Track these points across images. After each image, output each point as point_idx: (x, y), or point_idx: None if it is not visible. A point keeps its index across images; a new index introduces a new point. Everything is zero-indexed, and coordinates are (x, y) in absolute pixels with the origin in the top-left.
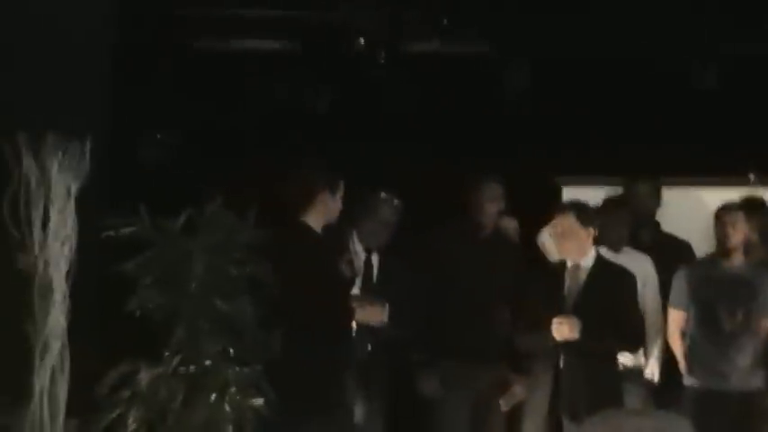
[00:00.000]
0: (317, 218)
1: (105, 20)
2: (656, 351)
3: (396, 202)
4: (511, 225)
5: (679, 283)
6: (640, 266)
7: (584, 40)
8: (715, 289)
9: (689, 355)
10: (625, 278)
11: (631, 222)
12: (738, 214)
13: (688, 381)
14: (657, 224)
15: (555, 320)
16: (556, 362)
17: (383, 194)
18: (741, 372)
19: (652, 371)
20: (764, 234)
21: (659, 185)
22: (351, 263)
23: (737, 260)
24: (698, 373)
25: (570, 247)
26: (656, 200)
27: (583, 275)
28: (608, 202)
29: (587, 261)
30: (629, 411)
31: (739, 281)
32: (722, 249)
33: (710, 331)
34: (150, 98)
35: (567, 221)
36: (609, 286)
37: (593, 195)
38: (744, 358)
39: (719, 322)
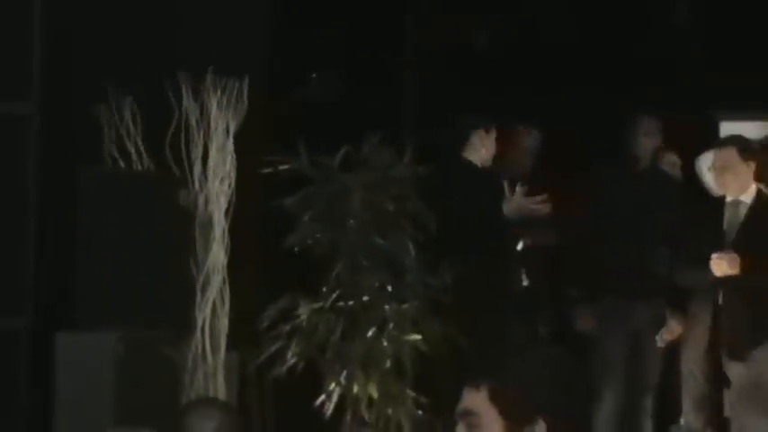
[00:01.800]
0: (477, 155)
1: None
2: None
3: (534, 132)
4: (672, 161)
5: None
6: None
7: None
8: None
9: None
10: None
11: None
12: None
13: None
14: None
15: (714, 256)
16: (715, 298)
17: (521, 127)
18: None
19: None
20: None
21: None
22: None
23: None
24: None
25: (730, 182)
26: None
27: (743, 211)
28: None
29: (747, 196)
30: None
31: None
32: None
33: None
34: (309, 36)
35: (728, 155)
36: None
37: (752, 130)
38: None
39: None
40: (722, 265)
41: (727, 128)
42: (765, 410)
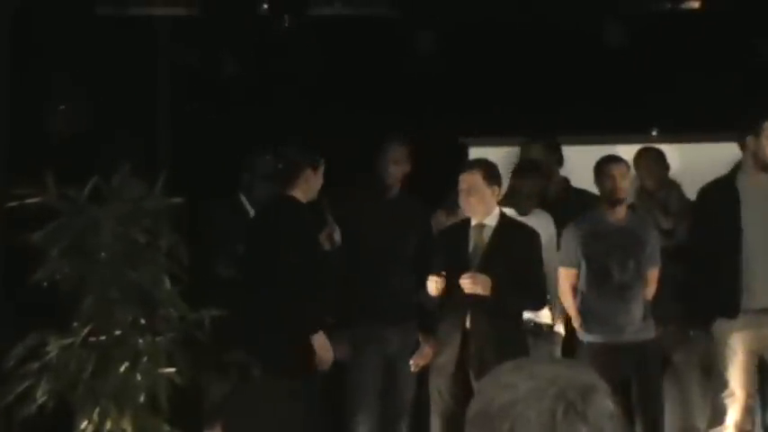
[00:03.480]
0: (303, 194)
1: None
2: (560, 307)
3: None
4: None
5: (567, 240)
6: (542, 225)
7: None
8: (604, 243)
9: (583, 311)
10: (530, 236)
11: (542, 187)
12: (624, 166)
13: (584, 337)
14: (566, 180)
15: (464, 276)
16: (463, 321)
17: (268, 157)
18: (634, 324)
19: (558, 327)
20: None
21: (559, 143)
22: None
23: (622, 212)
24: (593, 328)
25: (475, 205)
26: (559, 157)
27: (488, 233)
28: (518, 169)
29: (492, 219)
30: (541, 358)
31: (627, 233)
32: (609, 202)
33: (603, 286)
34: (57, 65)
35: (473, 179)
36: (513, 244)
37: (499, 154)
38: (636, 310)
39: (611, 276)
40: (473, 285)
41: (475, 153)
42: None
